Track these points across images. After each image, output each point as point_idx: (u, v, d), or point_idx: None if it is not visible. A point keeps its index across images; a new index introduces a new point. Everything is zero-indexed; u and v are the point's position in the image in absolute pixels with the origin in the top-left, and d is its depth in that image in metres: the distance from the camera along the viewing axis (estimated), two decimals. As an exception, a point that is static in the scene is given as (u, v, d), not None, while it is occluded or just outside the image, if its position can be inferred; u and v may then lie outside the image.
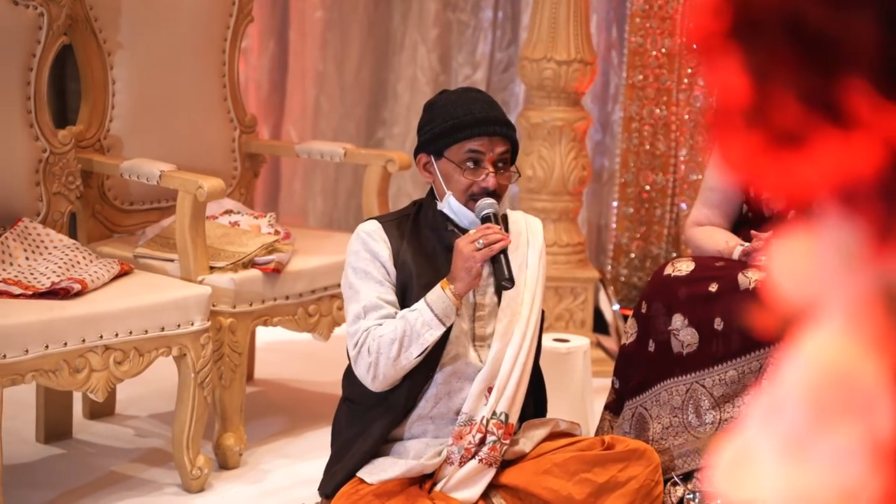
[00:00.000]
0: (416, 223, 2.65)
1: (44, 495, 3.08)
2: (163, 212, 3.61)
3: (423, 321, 2.49)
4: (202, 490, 3.12)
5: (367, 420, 2.61)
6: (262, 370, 4.06)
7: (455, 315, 2.54)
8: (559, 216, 4.12)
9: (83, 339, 2.85)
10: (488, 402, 2.59)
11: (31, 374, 2.77)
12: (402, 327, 2.49)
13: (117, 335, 2.91)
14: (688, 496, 2.85)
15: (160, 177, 3.24)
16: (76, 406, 3.50)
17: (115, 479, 3.20)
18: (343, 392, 2.73)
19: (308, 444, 3.46)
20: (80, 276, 2.97)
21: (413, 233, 2.63)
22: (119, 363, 2.92)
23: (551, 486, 2.60)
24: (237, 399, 3.26)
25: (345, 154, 3.74)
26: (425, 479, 2.60)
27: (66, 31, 3.30)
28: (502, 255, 2.51)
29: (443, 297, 2.50)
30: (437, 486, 2.58)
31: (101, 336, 2.88)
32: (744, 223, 3.18)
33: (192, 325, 3.04)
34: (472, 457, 2.57)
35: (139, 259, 3.31)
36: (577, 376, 3.37)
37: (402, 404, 2.59)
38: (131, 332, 2.94)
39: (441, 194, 2.63)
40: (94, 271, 3.01)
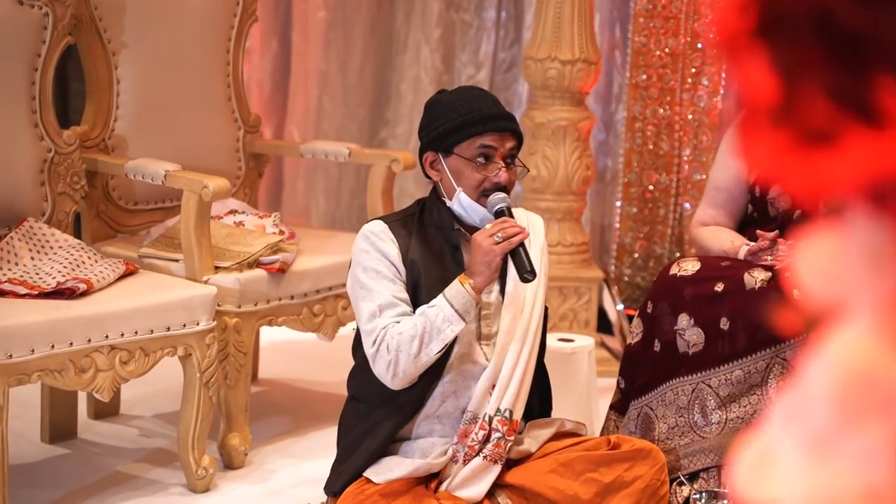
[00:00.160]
0: (422, 222, 2.65)
1: (48, 495, 3.08)
2: (167, 212, 3.60)
3: (444, 317, 2.49)
4: (207, 490, 3.12)
5: (375, 419, 2.61)
6: (265, 370, 4.06)
7: (474, 310, 2.54)
8: (563, 216, 4.11)
9: (89, 339, 2.85)
10: (492, 398, 2.59)
11: (36, 373, 2.76)
12: (422, 323, 2.48)
13: (123, 335, 2.91)
14: (694, 496, 2.84)
15: (165, 177, 3.24)
16: (81, 406, 3.50)
17: (120, 479, 3.20)
18: (349, 391, 2.72)
19: (313, 444, 3.46)
20: (86, 276, 2.97)
21: (419, 232, 2.63)
22: (125, 363, 2.92)
23: (557, 485, 2.60)
24: (242, 399, 3.26)
25: (349, 154, 3.74)
26: (431, 479, 2.60)
27: (71, 31, 3.30)
28: (521, 248, 2.51)
29: (462, 291, 2.50)
30: (443, 485, 2.58)
31: (106, 336, 2.88)
32: (749, 223, 3.18)
33: (198, 324, 3.04)
34: (477, 454, 2.57)
35: (144, 259, 3.31)
36: (581, 376, 3.37)
37: (410, 403, 2.59)
38: (137, 332, 2.94)
39: (450, 192, 2.62)
40: (100, 271, 3.01)
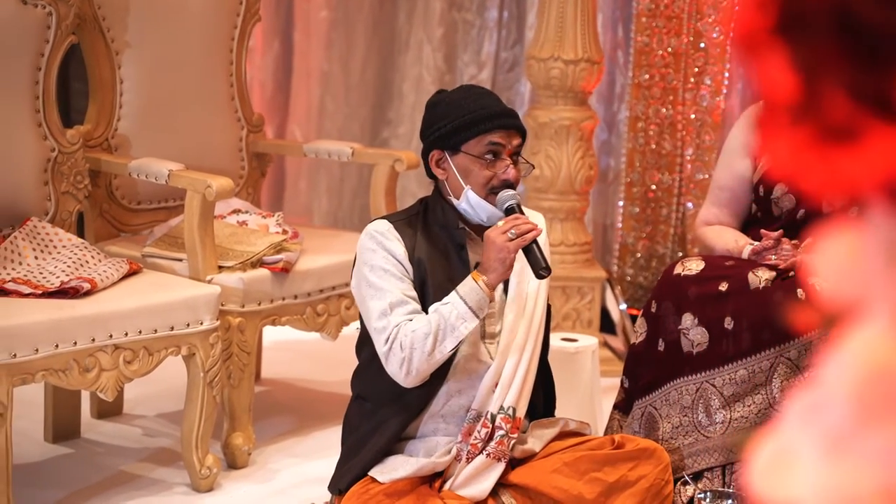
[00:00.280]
0: (426, 221, 2.64)
1: (52, 495, 3.08)
2: (170, 211, 3.60)
3: (458, 314, 2.48)
4: (211, 490, 3.12)
5: (381, 417, 2.60)
6: (268, 370, 4.05)
7: (488, 306, 2.54)
8: (566, 216, 4.11)
9: (93, 339, 2.84)
10: (495, 396, 2.59)
11: (41, 373, 2.76)
12: (435, 321, 2.48)
13: (127, 334, 2.91)
14: (698, 496, 2.84)
15: (169, 176, 3.24)
16: (84, 405, 3.50)
17: (124, 479, 3.20)
18: (354, 390, 2.72)
19: (316, 444, 3.46)
20: (90, 276, 2.96)
21: (424, 231, 2.62)
22: (129, 362, 2.91)
23: (561, 485, 2.60)
24: (246, 398, 3.26)
25: (353, 153, 3.74)
26: (435, 478, 2.60)
27: (75, 31, 3.30)
28: (534, 245, 2.51)
29: (476, 288, 2.50)
30: (447, 484, 2.58)
31: (110, 335, 2.88)
32: (753, 222, 3.17)
33: (202, 324, 3.04)
34: (480, 452, 2.56)
35: (147, 258, 3.31)
36: (585, 376, 3.37)
37: (416, 402, 2.59)
38: (141, 332, 2.94)
39: (456, 190, 2.61)
40: (104, 270, 3.01)
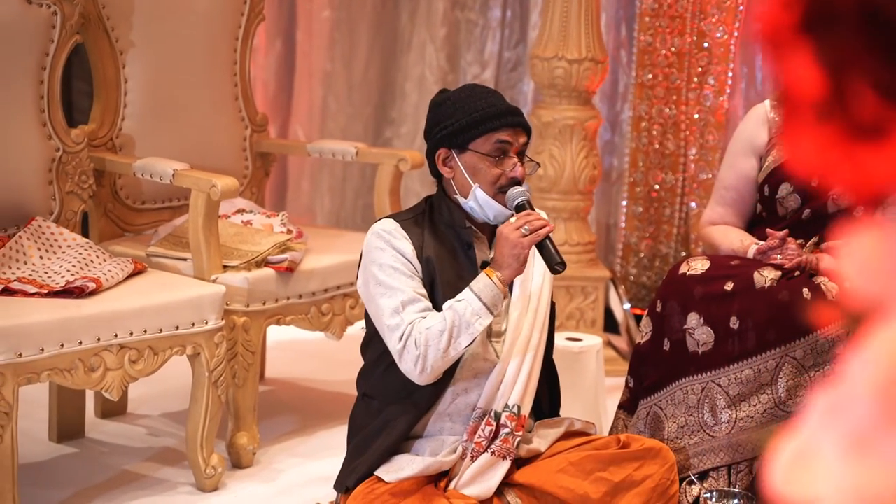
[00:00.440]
0: (433, 220, 2.64)
1: (58, 494, 3.08)
2: (174, 211, 3.60)
3: (473, 310, 2.48)
4: (216, 489, 3.11)
5: (389, 416, 2.60)
6: (272, 369, 4.05)
7: (503, 303, 2.54)
8: (570, 215, 4.11)
9: (98, 338, 2.84)
10: (499, 394, 2.59)
11: (46, 372, 2.76)
12: (450, 318, 2.47)
13: (132, 334, 2.91)
14: (704, 495, 2.84)
15: (173, 175, 3.24)
16: (88, 405, 3.50)
17: (129, 479, 3.20)
18: (360, 389, 2.71)
19: (321, 443, 3.46)
20: (95, 275, 2.96)
21: (431, 230, 2.62)
22: (134, 362, 2.91)
23: (567, 484, 2.59)
24: (250, 398, 3.26)
25: (357, 153, 3.73)
26: (441, 477, 2.60)
27: (79, 31, 3.30)
28: (548, 241, 2.51)
29: (490, 285, 2.49)
30: (452, 483, 2.58)
31: (115, 335, 2.88)
32: (758, 222, 3.17)
33: (207, 323, 3.04)
34: (485, 451, 2.56)
35: (152, 258, 3.31)
36: (589, 375, 3.37)
37: (424, 400, 2.58)
38: (146, 331, 2.93)
39: (463, 188, 2.61)
40: (109, 270, 3.01)
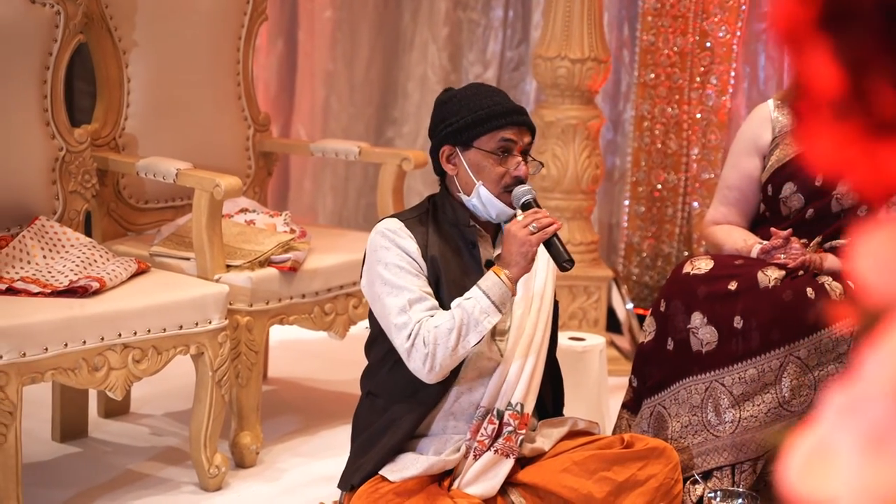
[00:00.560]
0: (436, 219, 2.64)
1: (60, 494, 3.08)
2: (177, 210, 3.60)
3: (481, 308, 2.48)
4: (219, 489, 3.11)
5: (394, 414, 2.60)
6: (274, 369, 4.05)
7: (510, 301, 2.54)
8: (573, 215, 4.11)
9: (102, 338, 2.84)
10: (502, 392, 2.59)
11: (50, 372, 2.76)
12: (459, 316, 2.47)
13: (136, 333, 2.91)
14: (708, 495, 2.84)
15: (177, 175, 3.23)
16: (91, 405, 3.49)
17: (132, 478, 3.19)
18: (364, 388, 2.71)
19: (324, 443, 3.46)
20: (98, 275, 2.96)
21: (435, 229, 2.62)
22: (137, 361, 2.91)
23: (571, 484, 2.59)
24: (254, 397, 3.26)
25: (360, 152, 3.73)
26: (445, 476, 2.59)
27: (82, 30, 3.30)
28: (555, 238, 2.52)
29: (498, 283, 2.49)
30: (456, 482, 2.57)
31: (119, 334, 2.87)
32: (761, 222, 3.17)
33: (210, 323, 3.04)
34: (488, 449, 2.56)
35: (155, 258, 3.31)
36: (592, 375, 3.37)
37: (430, 399, 2.58)
38: (150, 331, 2.93)
39: (466, 186, 2.61)
40: (112, 269, 3.01)
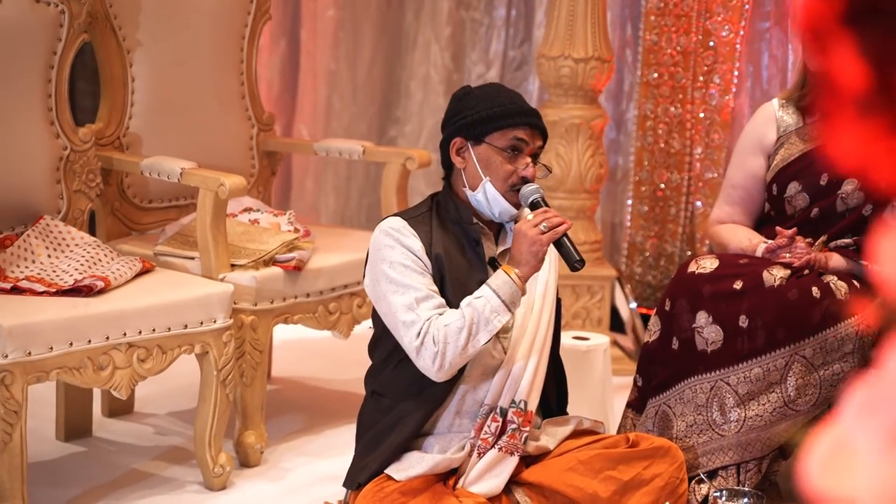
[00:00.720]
0: (440, 218, 2.64)
1: (65, 493, 3.07)
2: (181, 210, 3.60)
3: (492, 307, 2.48)
4: (224, 488, 3.11)
5: (400, 413, 2.59)
6: (278, 368, 4.05)
7: (521, 300, 2.54)
8: (576, 214, 4.11)
9: (107, 337, 2.84)
10: (506, 390, 2.59)
11: (55, 371, 2.76)
12: (469, 315, 2.47)
13: (141, 332, 2.90)
14: (714, 494, 2.84)
15: (181, 174, 3.23)
16: (95, 404, 3.49)
17: (137, 477, 3.19)
18: (369, 387, 2.71)
19: (328, 442, 3.46)
20: (103, 274, 2.96)
21: (439, 227, 2.62)
22: (142, 360, 2.91)
23: (576, 483, 2.59)
24: (258, 397, 3.26)
25: (363, 152, 3.73)
26: (450, 475, 2.59)
27: (86, 29, 3.29)
28: (565, 238, 2.52)
29: (509, 282, 2.49)
30: (460, 481, 2.57)
31: (124, 333, 2.87)
32: (766, 221, 3.17)
33: (215, 322, 3.04)
34: (492, 447, 2.56)
35: (159, 257, 3.30)
36: (597, 374, 3.37)
37: (435, 397, 2.58)
38: (154, 330, 2.93)
39: (473, 181, 2.61)
40: (117, 269, 3.01)
